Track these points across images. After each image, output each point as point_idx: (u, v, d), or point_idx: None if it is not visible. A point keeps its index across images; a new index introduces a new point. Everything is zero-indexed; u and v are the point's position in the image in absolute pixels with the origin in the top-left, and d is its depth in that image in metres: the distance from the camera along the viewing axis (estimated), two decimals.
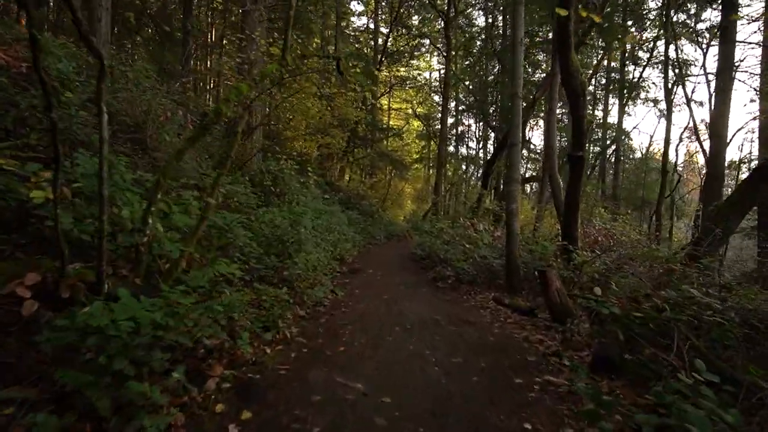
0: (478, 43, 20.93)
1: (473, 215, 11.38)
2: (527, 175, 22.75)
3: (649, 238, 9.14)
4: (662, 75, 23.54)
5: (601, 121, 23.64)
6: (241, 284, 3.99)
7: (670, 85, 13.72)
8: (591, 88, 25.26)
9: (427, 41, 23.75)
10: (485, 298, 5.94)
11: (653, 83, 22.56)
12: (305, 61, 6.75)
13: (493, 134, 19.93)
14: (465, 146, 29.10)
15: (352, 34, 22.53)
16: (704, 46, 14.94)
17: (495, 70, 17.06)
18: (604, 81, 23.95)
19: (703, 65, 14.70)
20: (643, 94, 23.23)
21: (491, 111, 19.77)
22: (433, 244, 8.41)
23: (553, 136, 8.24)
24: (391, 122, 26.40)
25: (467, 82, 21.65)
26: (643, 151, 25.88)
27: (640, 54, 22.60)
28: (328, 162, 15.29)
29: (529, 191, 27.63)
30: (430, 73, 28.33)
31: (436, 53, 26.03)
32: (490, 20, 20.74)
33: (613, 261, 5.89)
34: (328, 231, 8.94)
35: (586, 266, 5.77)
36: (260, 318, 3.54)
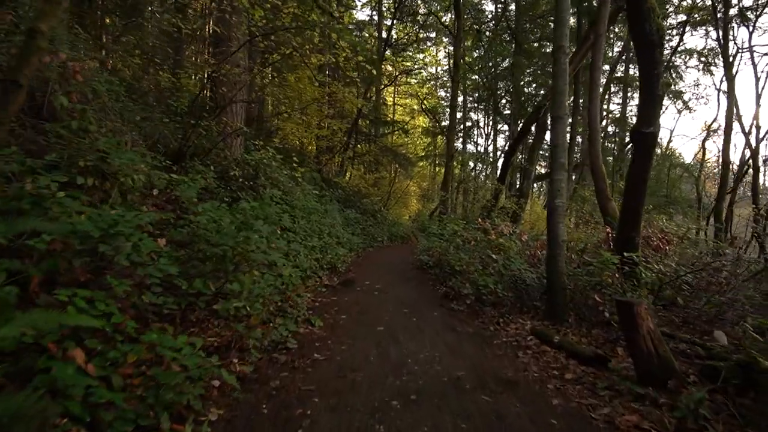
0: (487, 33, 19.12)
1: (488, 214, 9.59)
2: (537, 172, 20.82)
3: (732, 245, 7.30)
4: (685, 65, 21.62)
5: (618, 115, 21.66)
6: (134, 333, 2.29)
7: (730, 58, 11.63)
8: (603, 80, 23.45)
9: (433, 34, 22.02)
10: (520, 330, 4.18)
11: (676, 74, 20.50)
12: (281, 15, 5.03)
13: (506, 127, 18.07)
14: (473, 143, 27.30)
15: (355, 26, 20.79)
16: (750, 24, 12.90)
17: (510, 52, 15.14)
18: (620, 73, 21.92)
19: (749, 45, 12.60)
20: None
21: (503, 102, 17.91)
22: (444, 251, 6.66)
23: (597, 115, 6.40)
24: (396, 118, 24.62)
25: (476, 77, 19.86)
26: (663, 148, 23.78)
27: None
28: (325, 155, 13.58)
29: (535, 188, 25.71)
30: (437, 68, 26.59)
31: (443, 44, 24.29)
32: (500, 7, 18.90)
33: (701, 279, 4.10)
34: (318, 234, 7.24)
35: (665, 288, 3.98)
36: (137, 407, 1.83)
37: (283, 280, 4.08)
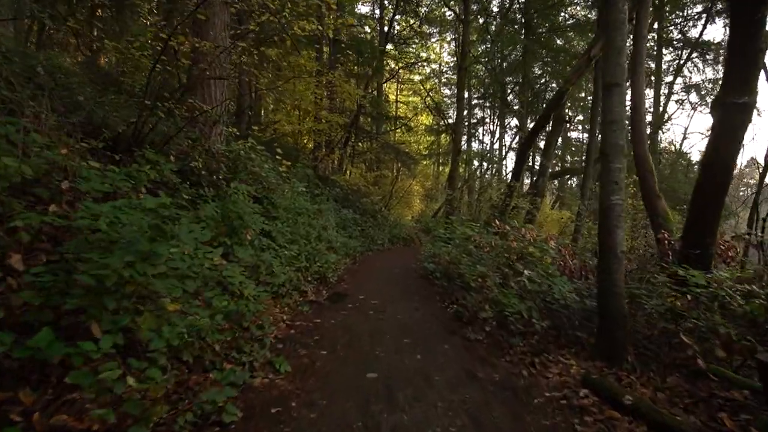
0: (494, 24, 17.86)
1: (501, 215, 8.37)
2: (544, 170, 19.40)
3: None
4: (701, 59, 20.19)
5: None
6: None
7: None
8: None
9: (437, 29, 20.82)
10: (565, 377, 2.96)
11: (696, 66, 19.11)
12: None
13: (513, 122, 16.79)
14: (478, 141, 26.05)
15: (357, 24, 19.54)
16: None
17: (520, 40, 13.80)
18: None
19: None
20: (679, 79, 20.01)
21: (510, 97, 16.61)
22: (453, 259, 5.46)
23: (642, 95, 5.11)
24: (399, 115, 23.39)
25: (482, 73, 18.62)
26: (677, 146, 22.36)
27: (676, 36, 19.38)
28: (321, 151, 12.40)
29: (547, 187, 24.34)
30: (440, 65, 25.42)
31: (446, 41, 23.09)
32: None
33: None
34: (306, 238, 6.06)
35: None
36: None
37: (237, 307, 2.90)
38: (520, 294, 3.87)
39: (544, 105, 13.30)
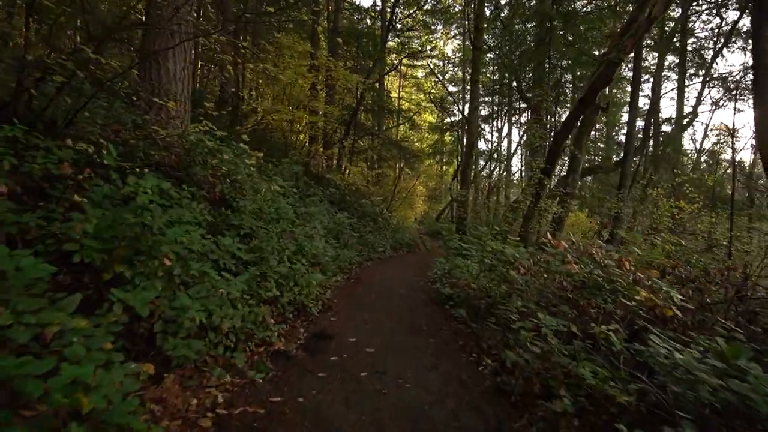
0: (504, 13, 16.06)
1: (528, 221, 6.64)
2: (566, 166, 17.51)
3: None
4: (723, 48, 18.30)
5: (647, 106, 18.44)
6: None
7: None
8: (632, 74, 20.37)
9: (440, 26, 19.12)
10: None
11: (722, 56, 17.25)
12: None
13: (524, 118, 15.00)
14: (484, 139, 24.31)
15: (358, 17, 17.82)
16: None
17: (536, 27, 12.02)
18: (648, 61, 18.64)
19: None
20: (700, 71, 18.11)
21: (524, 82, 14.72)
22: (484, 287, 3.75)
23: None
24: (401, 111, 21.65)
25: (491, 66, 16.86)
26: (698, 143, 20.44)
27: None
28: (316, 145, 10.71)
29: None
30: (445, 61, 23.71)
31: (450, 38, 21.40)
32: None
33: None
34: (278, 254, 4.36)
35: None
36: None
37: None
38: (623, 369, 2.16)
39: (569, 90, 11.53)
